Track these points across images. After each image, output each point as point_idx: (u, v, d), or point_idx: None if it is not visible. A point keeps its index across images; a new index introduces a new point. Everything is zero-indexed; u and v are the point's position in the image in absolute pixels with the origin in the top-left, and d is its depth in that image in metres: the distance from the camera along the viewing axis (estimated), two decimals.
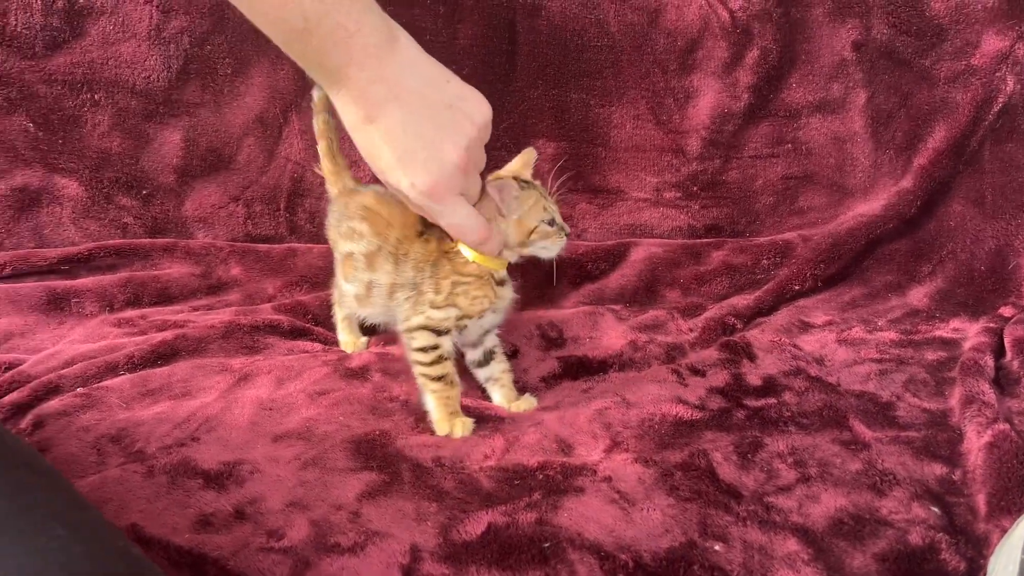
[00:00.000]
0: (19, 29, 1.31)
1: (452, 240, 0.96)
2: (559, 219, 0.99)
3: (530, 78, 1.41)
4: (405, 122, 0.78)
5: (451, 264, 0.97)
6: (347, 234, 1.04)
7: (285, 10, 0.72)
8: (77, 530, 0.57)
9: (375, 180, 0.91)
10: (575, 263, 1.37)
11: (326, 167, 1.12)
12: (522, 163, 1.02)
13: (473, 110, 0.83)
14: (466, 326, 0.99)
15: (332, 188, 1.12)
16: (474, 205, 0.90)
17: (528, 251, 1.00)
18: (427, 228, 0.99)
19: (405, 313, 0.99)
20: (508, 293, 1.02)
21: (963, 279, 1.33)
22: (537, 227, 0.97)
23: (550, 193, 1.02)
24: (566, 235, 1.00)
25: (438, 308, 0.97)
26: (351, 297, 1.06)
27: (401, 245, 1.00)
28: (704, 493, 0.81)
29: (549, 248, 0.99)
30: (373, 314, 1.06)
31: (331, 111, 1.09)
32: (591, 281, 1.37)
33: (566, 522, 0.76)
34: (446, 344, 0.97)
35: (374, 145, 0.80)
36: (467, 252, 0.96)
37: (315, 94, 1.09)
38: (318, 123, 1.11)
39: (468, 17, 1.38)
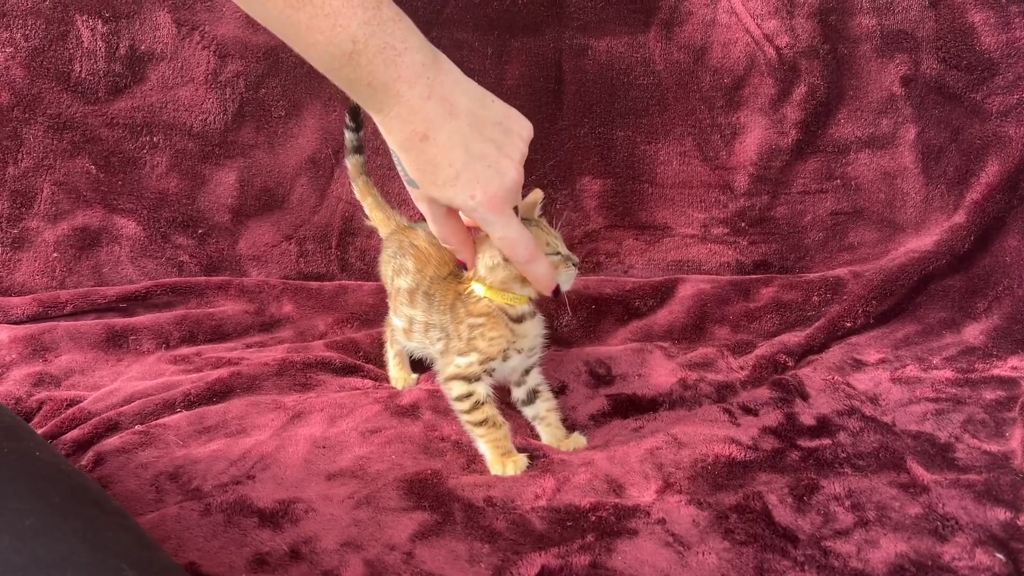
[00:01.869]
0: (83, 75, 1.36)
1: (467, 278, 0.98)
2: (564, 250, 0.98)
3: (576, 116, 1.43)
4: (463, 138, 0.80)
5: (465, 307, 0.99)
6: (399, 270, 1.08)
7: (334, 34, 0.74)
8: (144, 570, 0.58)
9: (421, 218, 0.93)
10: (622, 300, 1.37)
11: (376, 217, 1.18)
12: (528, 204, 1.03)
13: (520, 127, 0.85)
14: (495, 369, 1.00)
15: (384, 230, 1.17)
16: None
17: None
18: (454, 271, 1.02)
19: (440, 357, 1.02)
20: (531, 330, 1.01)
21: (1021, 316, 1.29)
22: None
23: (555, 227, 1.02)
24: (574, 265, 0.98)
25: (463, 355, 0.98)
26: (399, 330, 1.10)
27: (433, 284, 1.04)
28: (760, 537, 0.80)
29: (560, 280, 0.97)
30: (419, 348, 1.10)
31: (368, 173, 1.19)
32: (639, 318, 1.36)
33: (620, 565, 0.76)
34: (480, 390, 0.98)
35: (430, 162, 0.80)
36: (479, 289, 0.98)
37: (348, 163, 1.17)
38: (358, 186, 1.19)
39: (516, 58, 1.40)
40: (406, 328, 1.08)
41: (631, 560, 0.77)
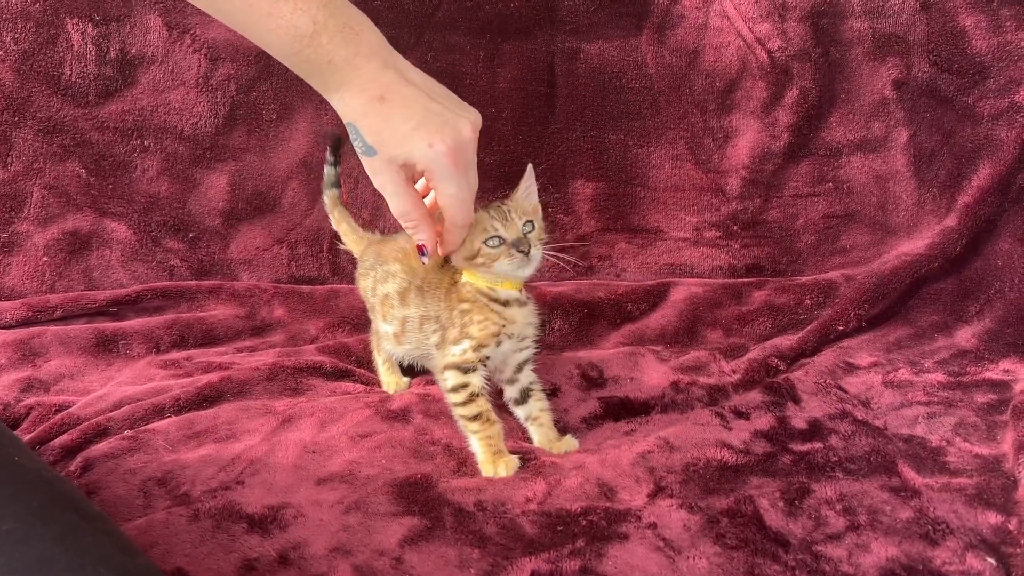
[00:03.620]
0: (73, 79, 1.36)
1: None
2: (510, 235, 0.96)
3: (569, 120, 1.43)
4: (418, 97, 0.85)
5: (457, 293, 1.01)
6: (382, 278, 1.10)
7: (295, 17, 0.80)
8: (124, 575, 0.58)
9: (397, 228, 0.94)
10: (615, 303, 1.37)
11: (351, 240, 1.23)
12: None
13: (468, 110, 0.89)
14: (488, 357, 1.00)
15: (356, 249, 1.21)
16: None
17: (488, 268, 0.98)
18: (446, 262, 1.03)
19: (437, 351, 1.03)
20: (521, 316, 1.02)
21: (1012, 319, 1.29)
22: (480, 248, 0.97)
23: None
24: (521, 252, 0.96)
25: (457, 343, 1.00)
26: (390, 337, 1.11)
27: (427, 276, 1.05)
28: (751, 541, 0.80)
29: (506, 268, 0.97)
30: (409, 351, 1.10)
31: (344, 204, 1.24)
32: (631, 321, 1.36)
33: (611, 570, 0.75)
34: (475, 381, 0.99)
35: (388, 119, 0.84)
36: (465, 276, 1.01)
37: (326, 196, 1.25)
38: (334, 216, 1.25)
39: (508, 61, 1.40)
40: (397, 332, 1.09)
41: (622, 565, 0.76)
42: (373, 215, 1.42)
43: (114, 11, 1.35)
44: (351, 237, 1.23)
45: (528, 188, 1.03)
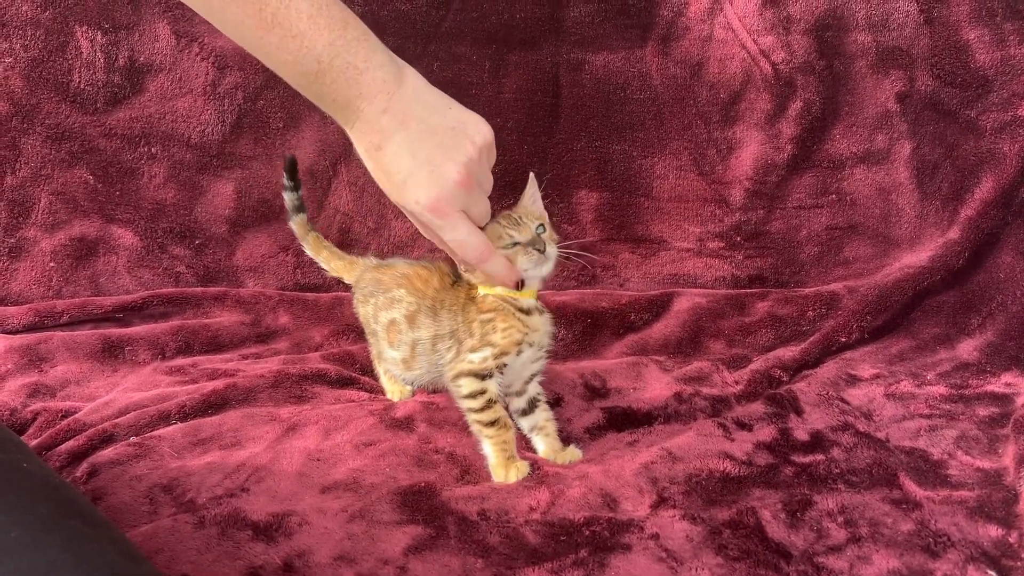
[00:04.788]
0: (82, 86, 1.37)
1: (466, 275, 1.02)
2: (522, 236, 0.98)
3: (573, 130, 1.44)
4: (410, 146, 0.83)
5: (476, 306, 1.02)
6: (386, 304, 1.09)
7: (301, 55, 0.79)
8: None
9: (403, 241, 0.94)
10: (618, 313, 1.37)
11: (337, 267, 1.21)
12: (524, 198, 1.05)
13: (474, 132, 0.87)
14: (506, 364, 1.01)
15: (349, 275, 1.20)
16: (482, 229, 0.93)
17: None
18: (458, 278, 1.05)
19: (450, 364, 1.02)
20: (541, 324, 1.03)
21: (1014, 332, 1.30)
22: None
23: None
24: (538, 250, 0.98)
25: (476, 351, 1.00)
26: (398, 363, 1.10)
27: (438, 295, 1.06)
28: (753, 552, 0.80)
29: (524, 264, 0.98)
30: (420, 376, 1.10)
31: (316, 229, 1.23)
32: (634, 331, 1.37)
33: None
34: (492, 387, 1.00)
35: (384, 171, 0.85)
36: (482, 289, 1.01)
37: (293, 224, 1.23)
38: (309, 243, 1.23)
39: (513, 72, 1.41)
40: (407, 357, 1.08)
41: (624, 575, 0.77)
42: (378, 223, 1.43)
43: (123, 19, 1.36)
44: (336, 263, 1.21)
45: (533, 196, 1.04)
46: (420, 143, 0.83)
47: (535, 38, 1.40)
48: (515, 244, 0.98)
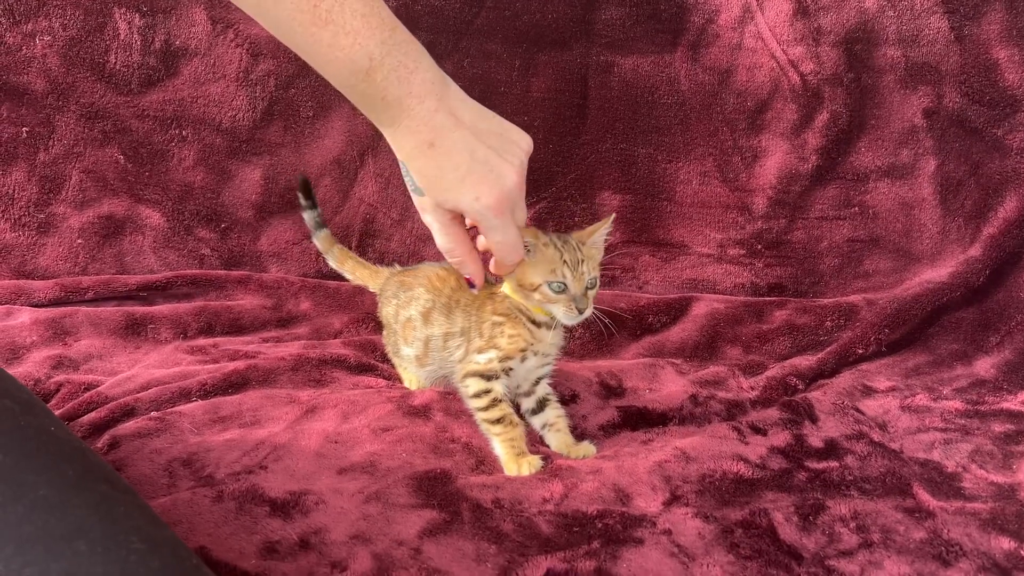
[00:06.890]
0: (118, 67, 1.39)
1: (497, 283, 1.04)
2: (576, 290, 0.98)
3: (599, 131, 1.44)
4: (468, 145, 0.84)
5: (492, 304, 1.04)
6: (405, 303, 1.13)
7: (354, 51, 0.79)
8: (156, 546, 0.59)
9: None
10: (636, 315, 1.38)
11: (362, 275, 1.26)
12: (594, 228, 1.04)
13: (519, 138, 0.89)
14: (511, 368, 1.02)
15: (374, 283, 1.24)
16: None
17: (540, 304, 1.00)
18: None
19: (459, 364, 1.05)
20: (550, 338, 1.05)
21: None
22: (540, 285, 0.98)
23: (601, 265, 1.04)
24: (579, 312, 0.98)
25: (482, 352, 1.02)
26: (412, 360, 1.13)
27: (454, 295, 1.08)
28: (765, 552, 0.81)
29: (556, 312, 0.99)
30: (431, 372, 1.12)
31: (340, 242, 1.30)
32: (651, 334, 1.38)
33: (625, 573, 0.76)
34: (497, 388, 1.02)
35: (438, 167, 0.85)
36: (506, 288, 1.02)
37: (316, 240, 1.29)
38: (334, 255, 1.29)
39: (542, 71, 1.42)
40: (420, 354, 1.11)
41: (636, 568, 0.77)
42: (402, 215, 1.44)
43: (161, 3, 1.38)
44: (362, 272, 1.26)
45: (603, 234, 1.04)
46: (476, 144, 0.85)
47: (566, 39, 1.41)
48: (563, 287, 0.98)
